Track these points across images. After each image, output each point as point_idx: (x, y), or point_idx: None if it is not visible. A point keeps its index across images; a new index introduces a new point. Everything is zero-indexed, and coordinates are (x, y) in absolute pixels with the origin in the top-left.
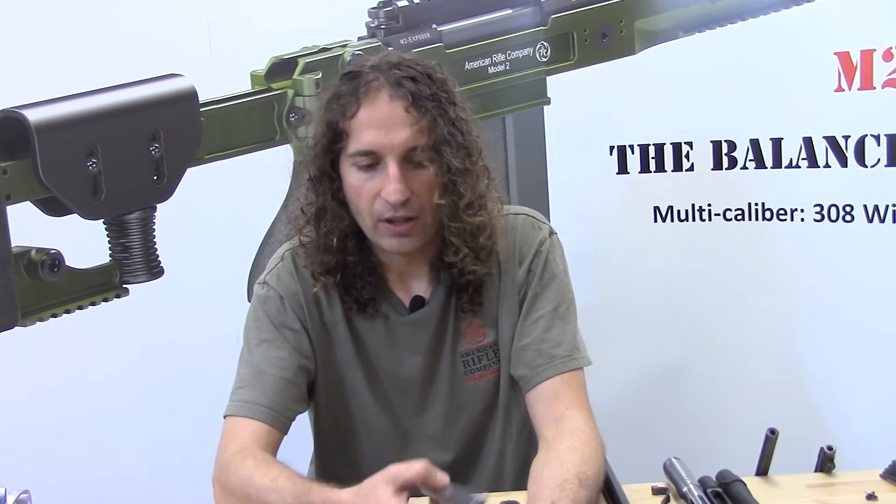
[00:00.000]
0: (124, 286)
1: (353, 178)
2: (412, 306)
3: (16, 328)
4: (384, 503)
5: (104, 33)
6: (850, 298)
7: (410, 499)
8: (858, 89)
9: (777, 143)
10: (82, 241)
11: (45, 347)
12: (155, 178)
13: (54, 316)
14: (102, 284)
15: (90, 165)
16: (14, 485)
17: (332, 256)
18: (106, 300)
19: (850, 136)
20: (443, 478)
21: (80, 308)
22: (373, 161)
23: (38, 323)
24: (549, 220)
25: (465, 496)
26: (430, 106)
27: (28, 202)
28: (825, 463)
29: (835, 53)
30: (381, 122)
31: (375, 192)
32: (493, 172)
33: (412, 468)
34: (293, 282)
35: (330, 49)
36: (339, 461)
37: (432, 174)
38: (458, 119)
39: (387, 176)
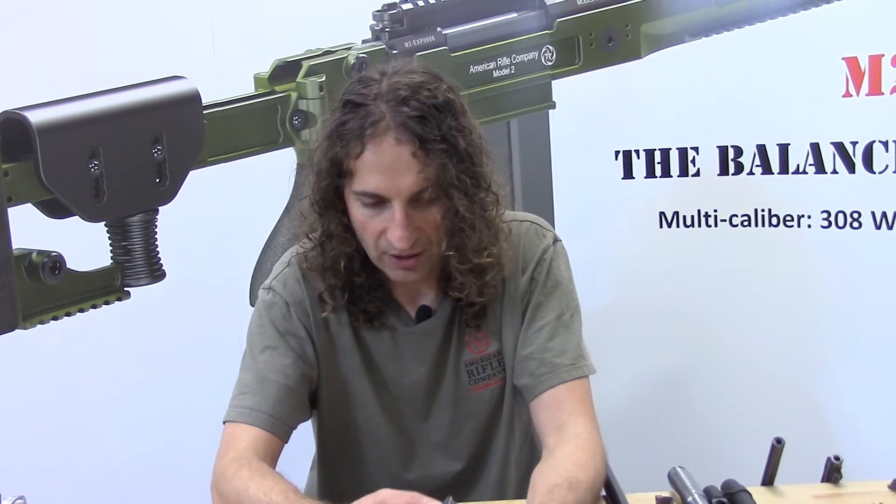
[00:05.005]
0: (126, 289)
1: (358, 212)
2: (418, 316)
3: (16, 331)
4: None
5: (106, 35)
6: (858, 306)
7: None
8: (867, 95)
9: (784, 149)
10: (83, 244)
11: (44, 351)
12: (157, 180)
13: (55, 318)
14: (104, 287)
15: (92, 167)
16: (10, 489)
17: (338, 279)
18: (107, 303)
19: (857, 142)
20: None
21: (81, 311)
22: (378, 201)
23: (38, 325)
24: (553, 226)
25: None
26: (438, 149)
27: (29, 204)
28: (832, 473)
29: (843, 59)
30: (386, 167)
31: (381, 230)
32: (503, 195)
33: (401, 498)
34: (299, 289)
35: (334, 52)
36: (341, 469)
37: (439, 214)
38: (468, 152)
39: (392, 219)
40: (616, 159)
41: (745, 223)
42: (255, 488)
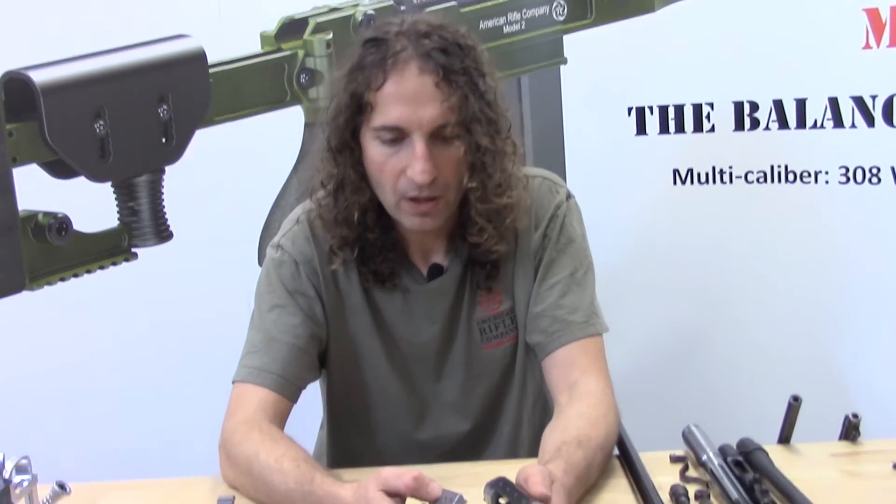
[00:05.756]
0: (132, 250)
1: (375, 152)
2: (430, 274)
3: (23, 292)
4: None
5: None
6: (876, 263)
7: None
8: (887, 47)
9: (801, 104)
10: (90, 206)
11: (51, 313)
12: (163, 140)
13: (62, 279)
14: (111, 248)
15: (97, 127)
16: (14, 451)
17: (351, 231)
18: (115, 264)
19: (877, 96)
20: (434, 489)
21: (89, 272)
22: (398, 136)
23: (45, 287)
24: (565, 184)
25: (448, 497)
26: (461, 81)
27: (35, 165)
28: (850, 431)
29: (863, 10)
30: (409, 97)
31: (400, 169)
32: (520, 146)
33: (402, 479)
34: (308, 247)
35: (341, 9)
36: (351, 429)
37: (460, 152)
38: (488, 93)
39: (413, 154)
40: (629, 116)
41: (761, 180)
42: (266, 454)
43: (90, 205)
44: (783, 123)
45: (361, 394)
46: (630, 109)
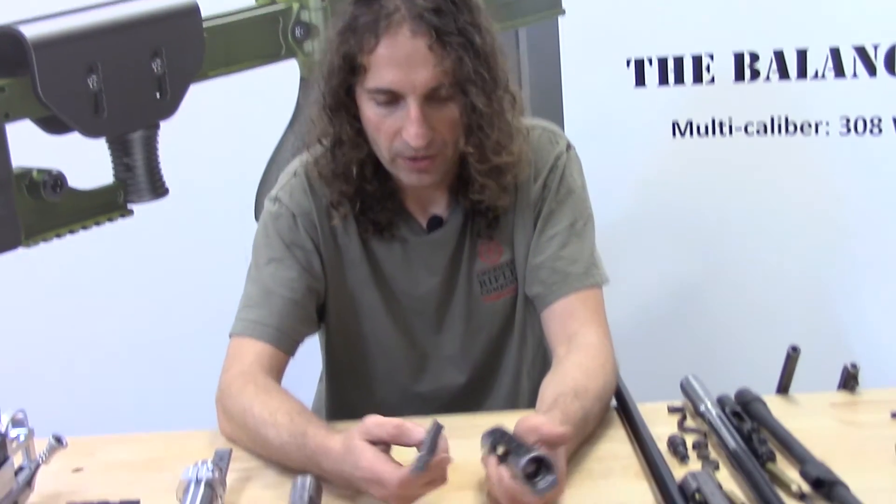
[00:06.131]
0: (128, 206)
1: (371, 112)
2: (430, 226)
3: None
4: (360, 459)
5: None
6: (876, 214)
7: None
8: None
9: (802, 54)
10: (85, 163)
11: (47, 268)
12: (157, 95)
13: (58, 236)
14: (106, 204)
15: (90, 83)
16: (10, 405)
17: (350, 186)
18: (110, 220)
19: (879, 45)
20: (416, 435)
21: (85, 228)
22: (392, 98)
23: (41, 243)
24: (565, 134)
25: (424, 448)
26: (455, 42)
27: (28, 121)
28: (848, 381)
29: None
30: (401, 60)
31: (395, 130)
32: (519, 98)
33: (385, 427)
34: (306, 200)
35: None
36: (350, 382)
37: (456, 112)
38: (484, 49)
39: (408, 116)
40: (628, 67)
41: (761, 131)
42: (260, 407)
43: (85, 162)
44: (784, 74)
45: (360, 347)
46: (629, 61)
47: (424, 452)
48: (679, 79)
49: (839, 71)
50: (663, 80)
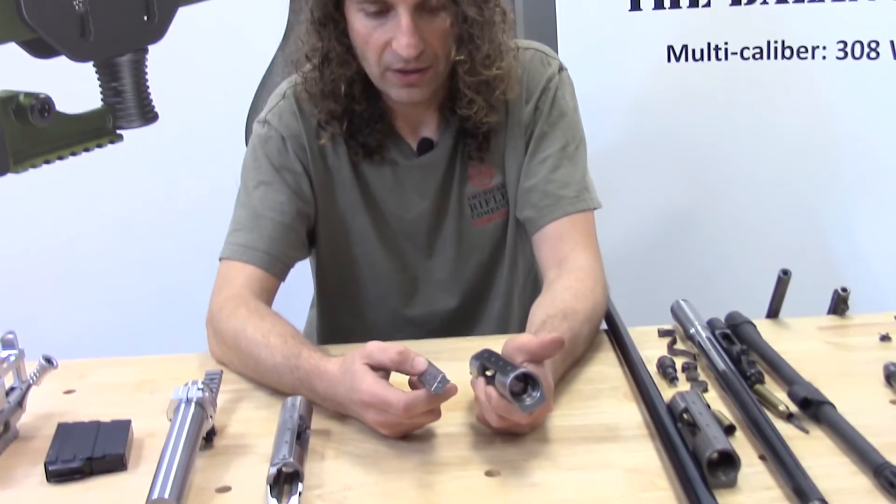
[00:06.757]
0: (118, 132)
1: (359, 24)
2: (420, 149)
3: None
4: (361, 383)
5: None
6: (872, 139)
7: None
8: None
9: None
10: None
11: (37, 192)
12: (145, 17)
13: (47, 162)
14: (95, 129)
15: (77, 5)
16: (0, 326)
17: (338, 104)
18: (100, 146)
19: None
20: (419, 364)
21: (74, 154)
22: (382, 8)
23: (30, 170)
24: (557, 56)
25: (433, 373)
26: None
27: (13, 44)
28: (838, 305)
29: None
30: None
31: (385, 42)
32: (509, 14)
33: (387, 352)
34: (295, 122)
35: None
36: (341, 307)
37: (447, 23)
38: None
39: (398, 27)
40: None
41: (757, 56)
42: (253, 329)
43: (73, 88)
44: None
45: (351, 271)
46: None
47: (442, 376)
48: (675, 2)
49: None
50: (659, 3)
